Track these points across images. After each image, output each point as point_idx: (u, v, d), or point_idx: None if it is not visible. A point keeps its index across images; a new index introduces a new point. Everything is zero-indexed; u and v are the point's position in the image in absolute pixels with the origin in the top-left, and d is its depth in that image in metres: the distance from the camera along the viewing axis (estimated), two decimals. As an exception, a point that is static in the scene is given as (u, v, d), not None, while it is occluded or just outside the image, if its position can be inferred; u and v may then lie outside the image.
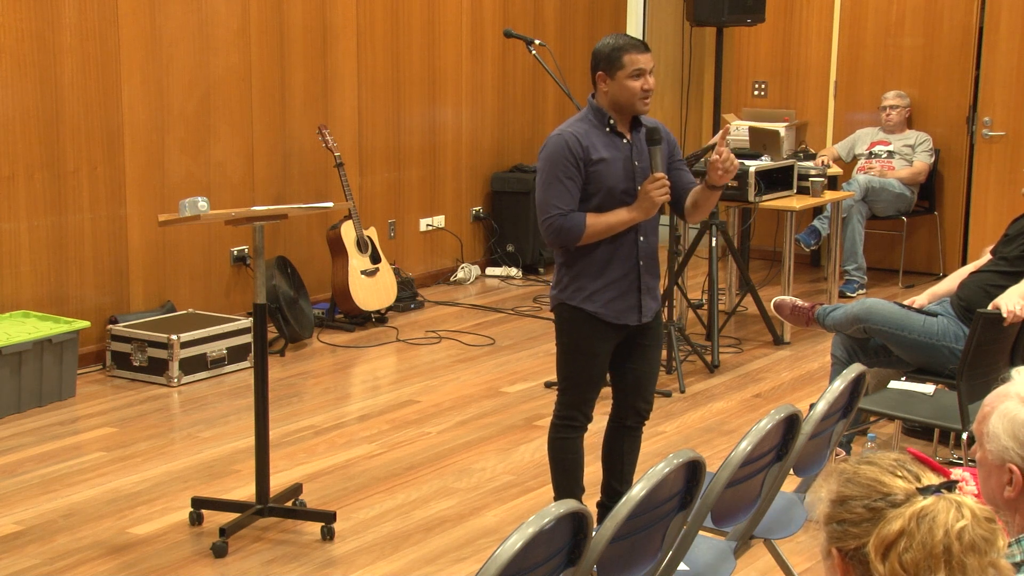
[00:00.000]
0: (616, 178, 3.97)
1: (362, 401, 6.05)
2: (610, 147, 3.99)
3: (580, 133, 3.96)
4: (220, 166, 6.93)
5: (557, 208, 3.92)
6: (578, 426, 4.16)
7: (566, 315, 4.07)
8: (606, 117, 4.00)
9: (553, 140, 3.98)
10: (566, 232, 3.93)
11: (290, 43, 7.23)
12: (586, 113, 4.04)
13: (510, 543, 2.38)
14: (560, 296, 4.08)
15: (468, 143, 8.56)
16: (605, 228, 3.96)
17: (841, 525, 1.81)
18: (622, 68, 3.94)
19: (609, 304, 4.02)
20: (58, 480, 4.93)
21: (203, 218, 4.20)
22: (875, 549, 1.76)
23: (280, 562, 4.23)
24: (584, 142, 3.95)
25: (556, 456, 4.20)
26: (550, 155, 3.96)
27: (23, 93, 5.98)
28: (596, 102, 4.03)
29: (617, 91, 3.96)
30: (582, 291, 4.02)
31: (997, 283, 4.76)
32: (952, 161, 8.57)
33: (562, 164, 3.93)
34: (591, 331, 4.04)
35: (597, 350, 4.07)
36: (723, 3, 6.63)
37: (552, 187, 3.93)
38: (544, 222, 3.95)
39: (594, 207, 3.96)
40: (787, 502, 3.65)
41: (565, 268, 4.06)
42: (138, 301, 6.58)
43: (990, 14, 8.27)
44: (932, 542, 1.73)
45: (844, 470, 1.86)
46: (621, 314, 4.04)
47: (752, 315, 7.47)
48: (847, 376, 3.57)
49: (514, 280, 8.53)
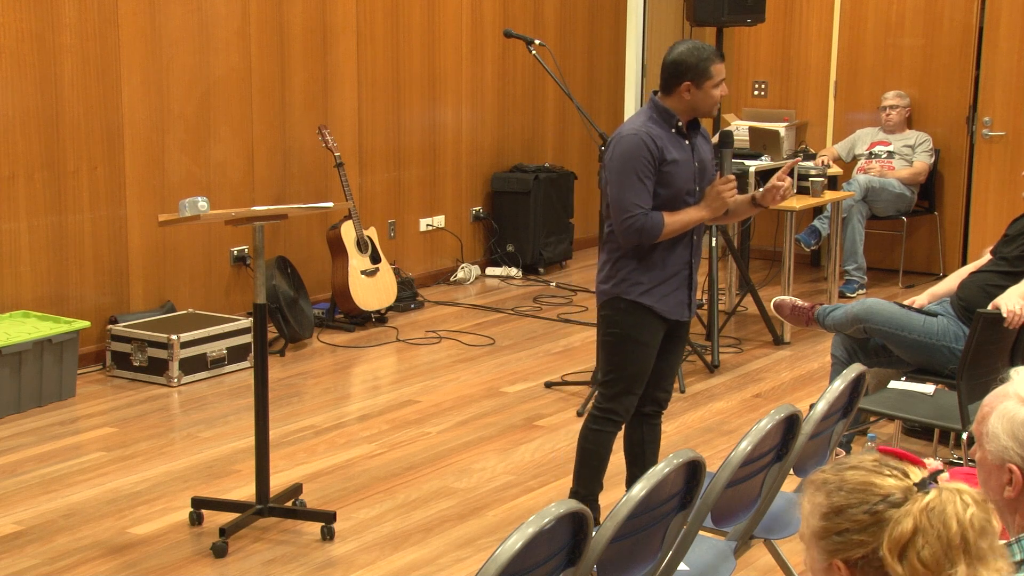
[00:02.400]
0: (683, 179, 4.07)
1: (362, 401, 6.05)
2: (679, 148, 4.07)
3: (655, 134, 4.02)
4: (220, 166, 6.93)
5: (639, 207, 3.98)
6: (617, 421, 4.22)
7: (621, 307, 4.11)
8: (674, 119, 4.07)
9: (629, 139, 4.01)
10: (647, 231, 4.00)
11: (290, 43, 7.23)
12: (650, 113, 4.09)
13: (510, 543, 2.38)
14: (615, 290, 4.12)
15: (468, 143, 8.56)
16: (681, 226, 4.06)
17: (842, 536, 1.79)
18: (710, 78, 4.06)
19: (664, 299, 4.11)
20: (58, 480, 4.93)
21: (203, 218, 4.20)
22: (890, 551, 1.74)
23: (280, 562, 4.23)
24: (659, 143, 4.01)
25: (586, 447, 4.24)
26: (628, 154, 3.99)
27: (23, 93, 5.98)
28: (665, 104, 4.08)
29: (701, 99, 4.06)
30: (639, 285, 4.08)
31: (997, 283, 4.77)
32: (952, 161, 8.57)
33: (641, 163, 3.98)
34: (646, 324, 4.11)
35: (647, 341, 4.14)
36: (723, 3, 6.63)
37: (632, 186, 3.98)
38: (625, 221, 4.00)
39: (658, 207, 4.03)
40: (787, 502, 3.65)
41: (622, 262, 4.10)
42: (138, 301, 6.59)
43: (990, 14, 8.27)
44: (949, 535, 1.73)
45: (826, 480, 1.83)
46: (674, 309, 4.14)
47: (752, 315, 7.47)
48: (847, 376, 3.57)
49: (514, 280, 8.53)
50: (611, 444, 4.25)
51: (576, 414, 5.74)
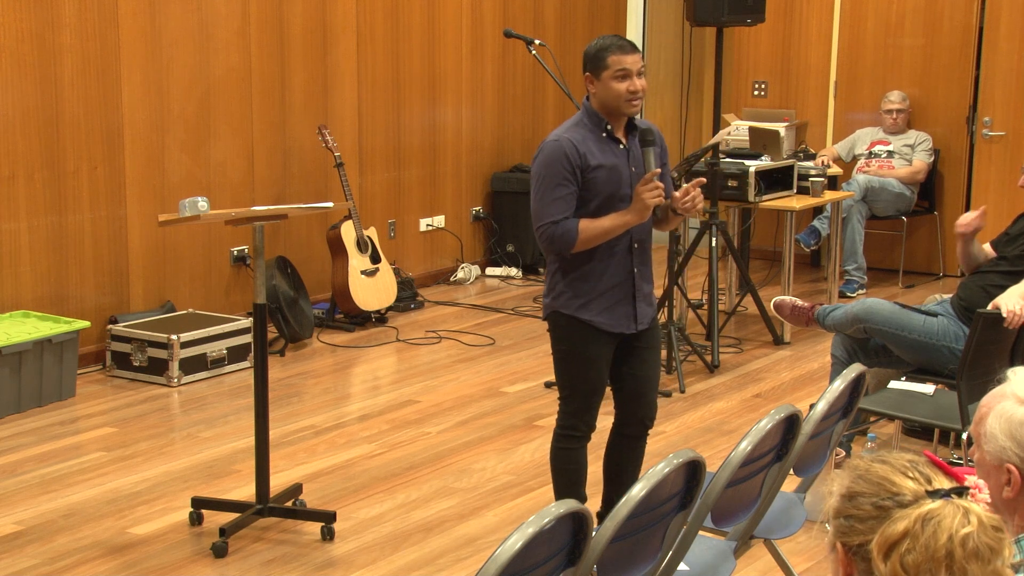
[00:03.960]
0: (614, 185, 3.91)
1: (362, 401, 6.05)
2: (607, 153, 3.93)
3: (577, 139, 3.89)
4: (220, 166, 6.93)
5: (551, 217, 3.86)
6: (580, 436, 4.10)
7: (561, 323, 4.01)
8: (603, 122, 3.94)
9: (550, 146, 3.90)
10: (559, 240, 3.87)
11: (290, 43, 7.23)
12: (581, 117, 3.97)
13: (510, 543, 2.38)
14: (554, 304, 4.02)
15: (468, 143, 8.56)
16: (600, 233, 3.88)
17: (848, 520, 1.82)
18: (607, 69, 3.88)
19: (604, 312, 3.97)
20: (58, 480, 4.93)
21: (203, 218, 4.20)
22: (878, 548, 1.76)
23: (280, 562, 4.24)
24: (581, 148, 3.88)
25: (558, 466, 4.15)
26: (546, 161, 3.89)
27: (23, 93, 5.99)
28: (591, 106, 3.97)
29: (603, 92, 3.90)
30: (577, 299, 3.96)
31: (997, 283, 4.77)
32: (952, 161, 8.57)
33: (559, 171, 3.86)
34: (587, 339, 3.98)
35: (594, 357, 4.00)
36: (723, 3, 6.63)
37: (547, 195, 3.86)
38: (537, 230, 3.91)
39: (591, 214, 3.90)
40: (787, 502, 3.65)
41: (560, 275, 4.00)
42: (138, 301, 6.59)
43: (990, 14, 8.27)
44: (935, 546, 1.72)
45: (857, 466, 1.86)
46: (617, 322, 3.99)
47: (752, 315, 7.48)
48: (847, 376, 3.57)
49: (514, 280, 8.53)
50: (581, 456, 4.13)
51: (576, 414, 5.73)
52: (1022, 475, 2.13)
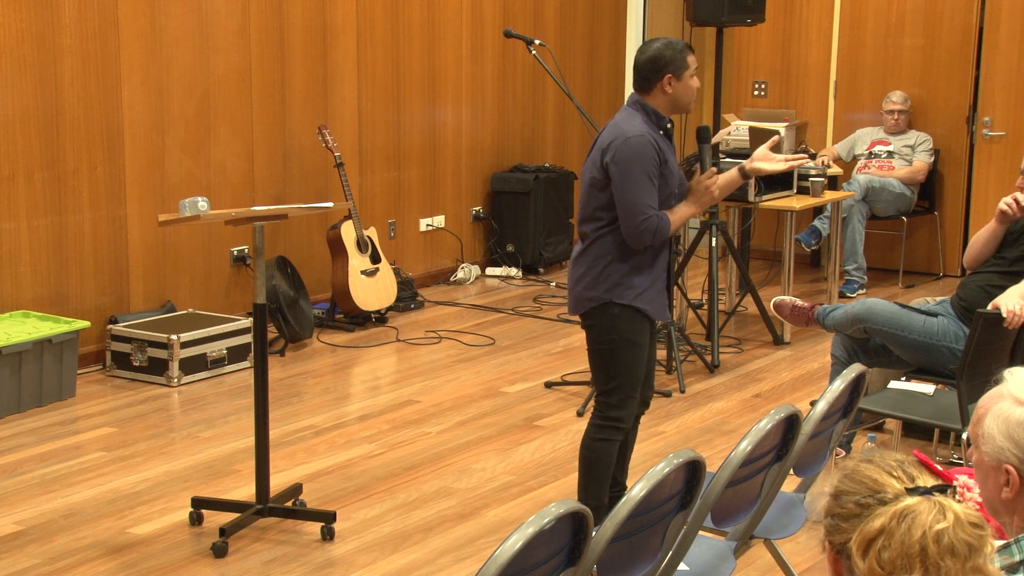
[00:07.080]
0: (674, 180, 4.10)
1: (362, 401, 6.05)
2: (669, 151, 4.10)
3: (655, 136, 4.04)
4: (220, 166, 6.93)
5: (652, 208, 4.00)
6: (623, 428, 4.18)
7: (615, 312, 4.08)
8: (664, 120, 4.09)
9: (638, 140, 3.98)
10: (659, 232, 4.02)
11: (290, 43, 7.23)
12: (642, 115, 4.06)
13: (510, 543, 2.38)
14: (607, 295, 4.07)
15: (468, 143, 8.56)
16: (678, 225, 4.13)
17: (834, 519, 1.84)
18: (687, 68, 4.06)
19: (653, 301, 4.12)
20: (58, 480, 4.93)
21: (203, 218, 4.21)
22: (857, 545, 1.78)
23: (280, 562, 4.24)
24: (660, 145, 4.03)
25: (592, 458, 4.17)
26: (637, 155, 3.98)
27: (23, 93, 5.99)
28: (651, 104, 4.07)
29: (682, 91, 4.07)
30: (633, 289, 4.07)
31: (997, 283, 4.77)
32: (952, 161, 8.57)
33: (651, 165, 3.99)
34: (640, 328, 4.11)
35: (643, 344, 4.15)
36: (723, 3, 6.63)
37: (643, 187, 3.98)
38: (641, 223, 3.98)
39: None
40: (787, 502, 3.66)
41: (613, 266, 4.06)
42: (138, 301, 6.59)
43: (990, 14, 8.27)
44: (909, 541, 1.74)
45: (846, 466, 1.88)
46: (660, 310, 4.17)
47: (752, 315, 7.48)
48: (847, 376, 3.57)
49: (514, 280, 8.53)
50: (615, 451, 4.21)
51: (576, 414, 5.74)
52: (1020, 475, 2.13)
